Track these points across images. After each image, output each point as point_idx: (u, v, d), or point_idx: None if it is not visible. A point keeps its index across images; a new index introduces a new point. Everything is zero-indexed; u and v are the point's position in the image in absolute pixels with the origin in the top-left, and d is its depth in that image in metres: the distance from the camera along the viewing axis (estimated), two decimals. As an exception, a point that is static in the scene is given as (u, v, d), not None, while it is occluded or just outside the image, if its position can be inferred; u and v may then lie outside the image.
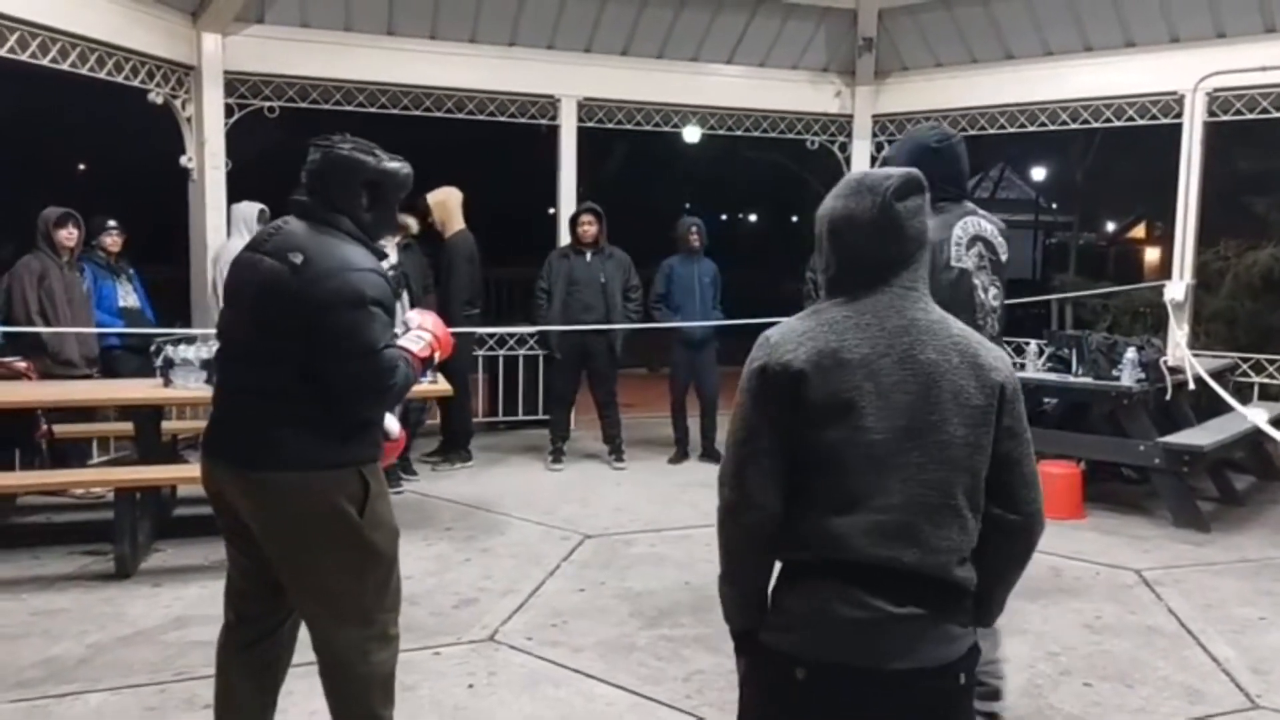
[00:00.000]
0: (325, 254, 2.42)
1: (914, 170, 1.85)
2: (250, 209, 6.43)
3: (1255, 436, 5.90)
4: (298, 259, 2.40)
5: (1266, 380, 7.10)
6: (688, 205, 24.00)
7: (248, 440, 2.45)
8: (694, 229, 7.06)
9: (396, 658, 2.62)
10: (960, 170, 3.11)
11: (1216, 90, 6.98)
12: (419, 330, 2.70)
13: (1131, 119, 7.49)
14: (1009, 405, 1.81)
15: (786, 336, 1.80)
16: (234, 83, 7.12)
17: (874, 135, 8.63)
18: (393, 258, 6.17)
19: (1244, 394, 6.96)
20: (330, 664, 2.55)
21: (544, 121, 8.04)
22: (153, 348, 5.21)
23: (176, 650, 3.72)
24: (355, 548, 2.47)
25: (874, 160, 8.64)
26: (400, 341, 2.59)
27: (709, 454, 7.10)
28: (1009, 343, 7.60)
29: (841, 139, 8.73)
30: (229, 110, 7.12)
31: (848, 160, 8.70)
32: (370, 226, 2.56)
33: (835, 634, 1.73)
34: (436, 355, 2.73)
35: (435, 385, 5.39)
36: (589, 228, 6.74)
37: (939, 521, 1.74)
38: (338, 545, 2.45)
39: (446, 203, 6.76)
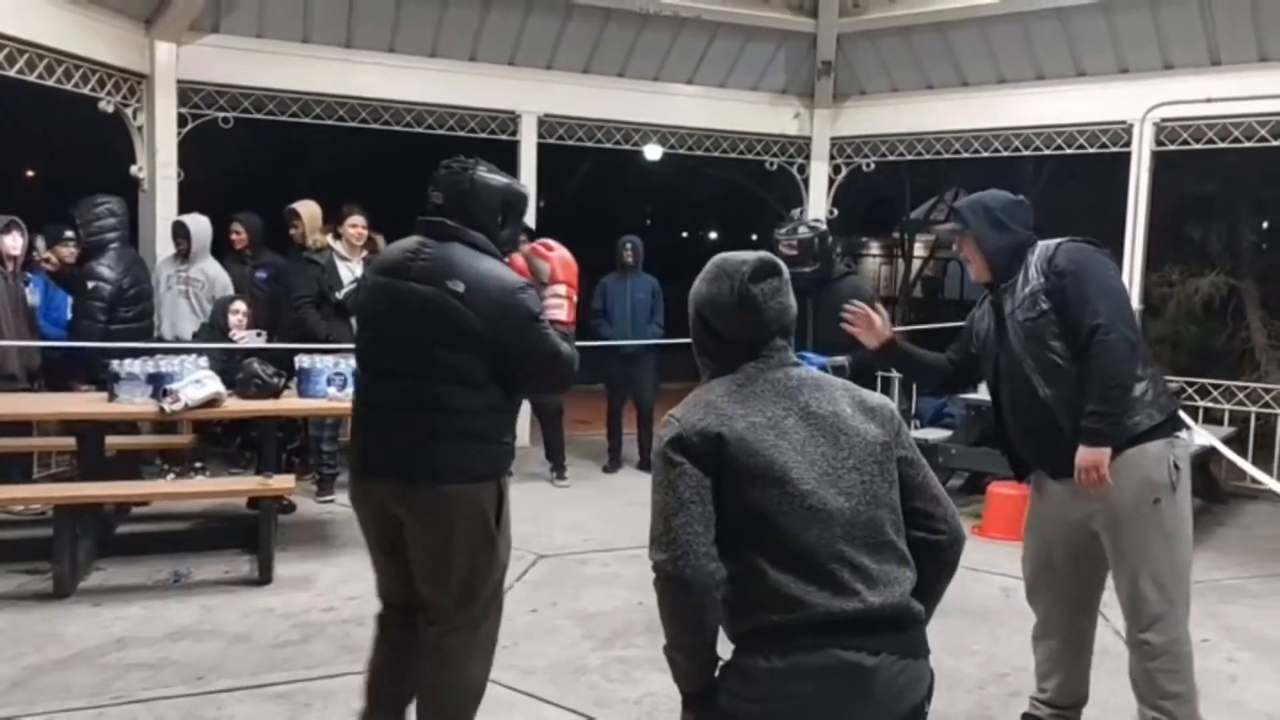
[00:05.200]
0: (488, 278, 2.59)
1: (768, 254, 1.98)
2: (206, 224, 6.35)
3: (1201, 459, 6.01)
4: (459, 287, 2.55)
5: (1210, 404, 7.25)
6: (649, 222, 24.08)
7: (412, 454, 2.61)
8: (628, 246, 7.22)
9: (490, 670, 2.82)
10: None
11: (1164, 120, 7.15)
12: (552, 298, 2.77)
13: (1082, 147, 7.64)
14: (901, 436, 1.92)
15: (691, 410, 1.87)
16: (188, 92, 7.03)
17: (831, 157, 8.73)
18: (358, 271, 6.09)
19: (1188, 418, 7.08)
20: (436, 661, 2.71)
21: (504, 137, 8.04)
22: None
23: (115, 672, 3.62)
24: (485, 550, 2.68)
25: (831, 182, 8.74)
26: (551, 317, 2.72)
27: (647, 464, 7.22)
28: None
29: (800, 160, 8.81)
30: (182, 120, 7.03)
31: (806, 182, 8.79)
32: (504, 243, 2.73)
33: (813, 707, 1.75)
34: (575, 297, 2.85)
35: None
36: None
37: (881, 560, 1.81)
38: (473, 547, 2.66)
39: (316, 215, 6.47)
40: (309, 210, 6.39)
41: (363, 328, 2.83)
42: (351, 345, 5.82)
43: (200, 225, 6.39)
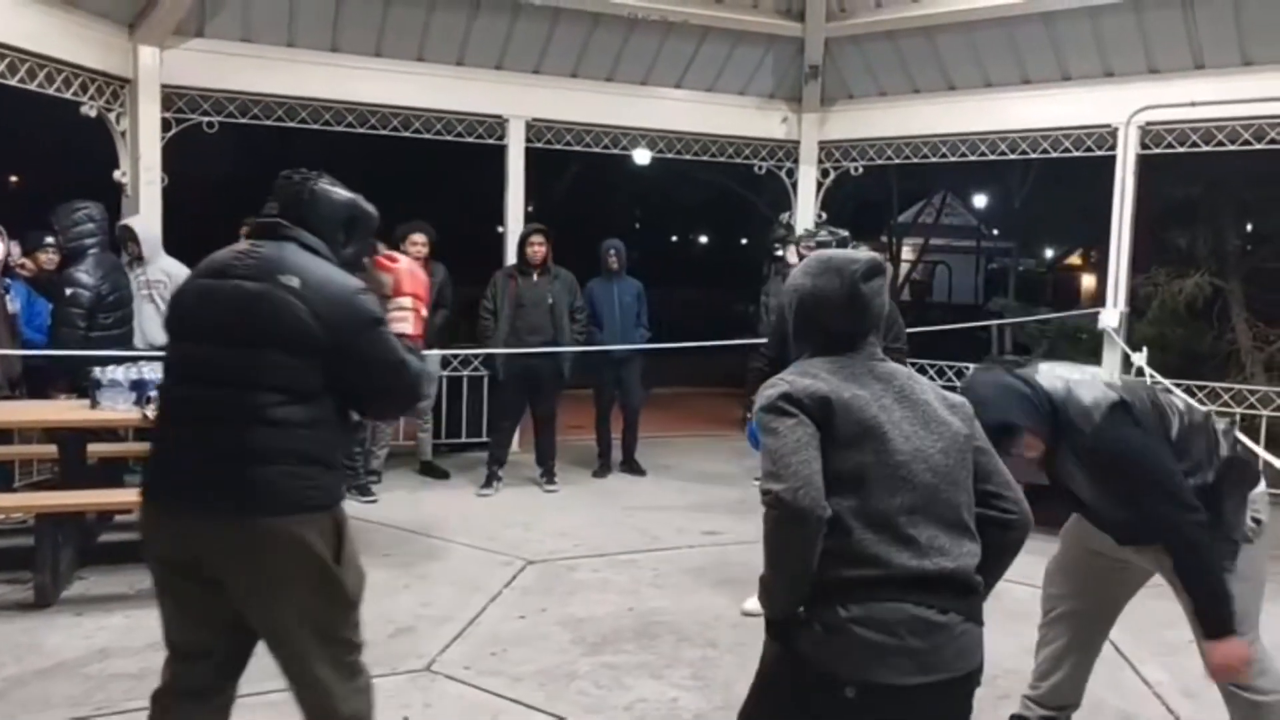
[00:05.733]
0: (325, 277, 2.33)
1: (877, 255, 2.15)
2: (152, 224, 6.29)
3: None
4: (293, 282, 2.28)
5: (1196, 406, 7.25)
6: (637, 226, 24.12)
7: (230, 480, 2.24)
8: (611, 251, 7.26)
9: (373, 699, 2.49)
10: None
11: (1148, 124, 7.18)
12: (396, 310, 2.55)
13: (1067, 150, 7.67)
14: (975, 429, 2.09)
15: (799, 376, 1.99)
16: (171, 97, 6.99)
17: (819, 161, 8.74)
18: None
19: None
20: (309, 711, 2.41)
21: (492, 141, 8.02)
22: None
23: (97, 683, 3.58)
24: (329, 593, 2.35)
25: (819, 186, 8.76)
26: (396, 330, 2.48)
27: (629, 465, 7.37)
28: (951, 367, 7.73)
29: (788, 164, 8.82)
30: (166, 124, 6.99)
31: (794, 185, 8.80)
32: (346, 262, 2.49)
33: (887, 655, 1.87)
34: (424, 310, 2.62)
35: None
36: (539, 249, 6.71)
37: (956, 536, 1.96)
38: (315, 592, 2.32)
39: None
40: None
41: (175, 336, 2.45)
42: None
43: (146, 225, 6.32)
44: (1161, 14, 6.92)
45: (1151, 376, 6.20)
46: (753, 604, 4.28)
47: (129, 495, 5.35)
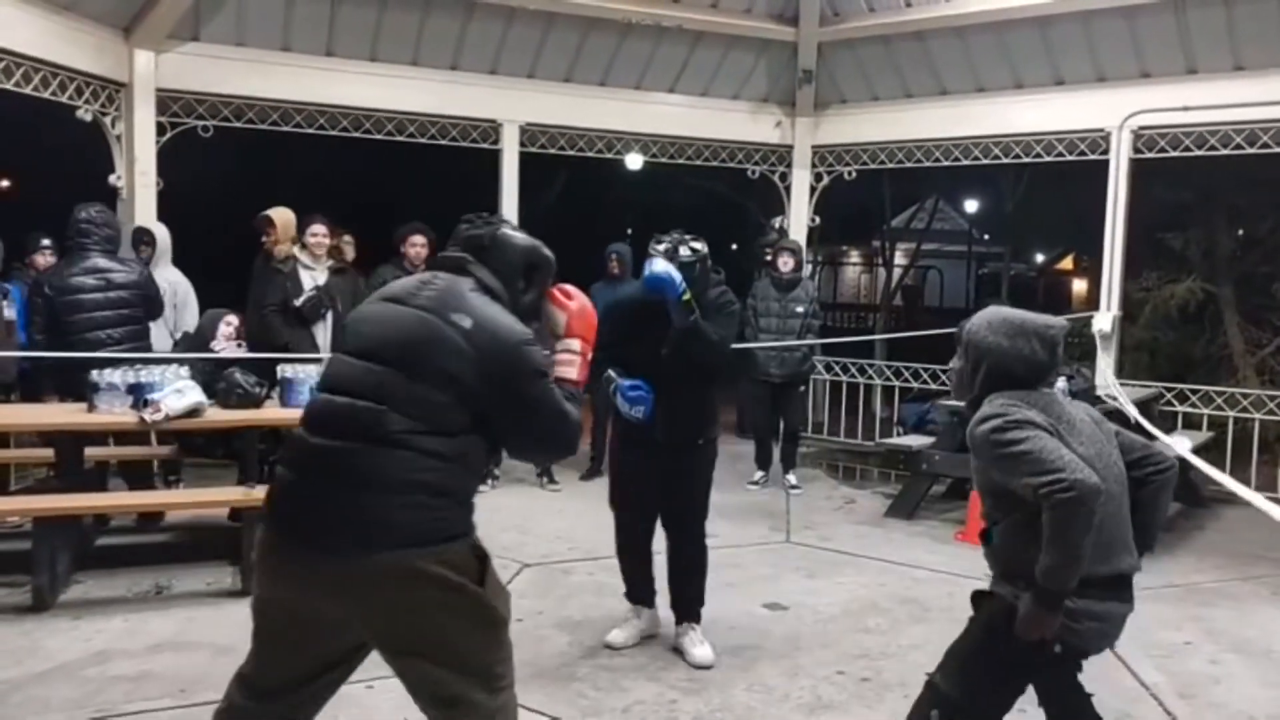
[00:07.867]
0: (496, 322, 2.30)
1: (1060, 320, 2.65)
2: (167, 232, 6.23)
3: (1180, 465, 6.04)
4: (465, 322, 2.26)
5: (1189, 409, 7.31)
6: (629, 231, 24.10)
7: (350, 507, 2.16)
8: (614, 255, 7.25)
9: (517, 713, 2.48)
10: None
11: (1141, 128, 7.22)
12: (564, 353, 2.51)
13: (1060, 154, 7.71)
14: (1110, 426, 2.63)
15: (1013, 407, 2.45)
16: (166, 100, 6.99)
17: (813, 165, 8.77)
18: (320, 279, 6.02)
19: (1168, 422, 7.16)
20: None
21: (486, 146, 8.03)
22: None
23: (97, 686, 3.57)
24: (476, 618, 2.31)
25: (813, 190, 8.78)
26: (559, 374, 2.45)
27: None
28: (945, 370, 7.75)
29: (782, 169, 8.85)
30: (161, 129, 6.99)
31: (788, 190, 8.82)
32: (526, 309, 2.47)
33: (1105, 638, 2.57)
34: (590, 354, 2.57)
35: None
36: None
37: (1128, 531, 2.50)
38: (461, 620, 2.28)
39: (290, 223, 6.09)
40: (283, 218, 6.05)
41: (341, 350, 2.44)
42: (314, 354, 5.79)
43: (163, 232, 6.28)
44: (1153, 18, 6.96)
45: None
46: (615, 635, 4.15)
47: (127, 499, 5.37)
